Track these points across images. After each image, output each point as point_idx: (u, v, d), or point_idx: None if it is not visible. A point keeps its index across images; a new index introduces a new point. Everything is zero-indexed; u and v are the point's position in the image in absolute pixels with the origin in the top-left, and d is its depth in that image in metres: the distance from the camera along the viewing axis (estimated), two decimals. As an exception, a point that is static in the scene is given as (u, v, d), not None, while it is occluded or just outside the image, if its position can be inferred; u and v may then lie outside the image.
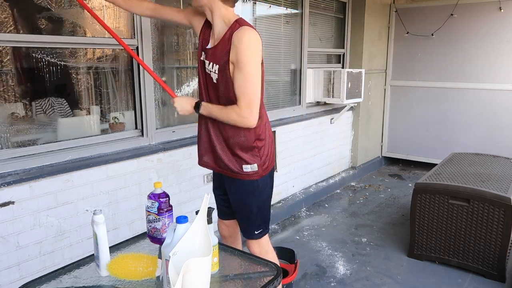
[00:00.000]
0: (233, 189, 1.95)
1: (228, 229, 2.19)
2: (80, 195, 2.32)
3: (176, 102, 1.88)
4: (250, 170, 1.86)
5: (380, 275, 2.87)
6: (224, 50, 1.71)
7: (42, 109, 2.45)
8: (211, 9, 1.75)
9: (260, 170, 1.88)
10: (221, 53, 1.72)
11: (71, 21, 2.47)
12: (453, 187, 2.82)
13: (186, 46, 3.16)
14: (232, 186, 1.94)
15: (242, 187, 1.91)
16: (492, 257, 2.73)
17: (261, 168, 1.88)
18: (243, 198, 1.94)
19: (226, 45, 1.71)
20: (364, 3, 4.79)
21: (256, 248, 2.00)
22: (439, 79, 5.16)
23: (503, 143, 4.82)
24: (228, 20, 1.74)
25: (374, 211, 4.07)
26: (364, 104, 5.03)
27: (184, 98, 1.91)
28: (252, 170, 1.86)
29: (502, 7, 4.62)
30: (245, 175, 1.87)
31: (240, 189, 1.92)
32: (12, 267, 2.06)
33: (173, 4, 3.01)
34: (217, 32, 1.77)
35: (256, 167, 1.87)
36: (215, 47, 1.76)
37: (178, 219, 1.34)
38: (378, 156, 5.74)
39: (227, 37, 1.71)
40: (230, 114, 1.76)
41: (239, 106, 1.72)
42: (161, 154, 2.75)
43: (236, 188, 1.93)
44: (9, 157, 2.11)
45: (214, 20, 1.77)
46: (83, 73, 2.60)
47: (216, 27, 1.77)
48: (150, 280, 1.42)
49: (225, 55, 1.71)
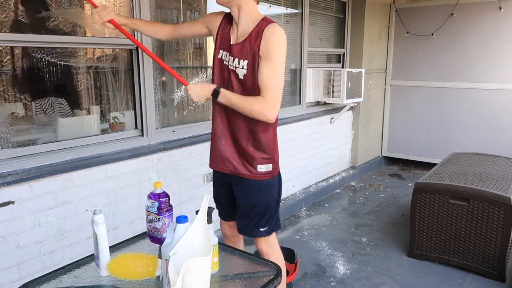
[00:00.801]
0: (245, 190, 1.91)
1: (231, 229, 2.16)
2: (80, 195, 2.32)
3: (190, 90, 1.78)
4: (265, 170, 1.85)
5: (380, 275, 2.87)
6: (254, 46, 1.70)
7: (42, 109, 2.45)
8: (240, 5, 1.74)
9: (273, 169, 1.88)
10: (250, 49, 1.71)
11: (71, 21, 2.47)
12: (453, 187, 2.82)
13: (186, 46, 3.16)
14: (243, 187, 1.90)
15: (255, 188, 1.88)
16: (492, 257, 2.73)
17: (274, 167, 1.89)
18: (255, 199, 1.90)
19: (255, 40, 1.70)
20: (364, 3, 4.79)
21: (264, 245, 1.99)
22: (439, 79, 5.16)
23: (503, 143, 4.82)
24: (255, 18, 1.74)
25: (374, 211, 4.07)
26: (364, 104, 5.03)
27: (198, 84, 1.81)
28: (266, 170, 1.86)
29: (502, 7, 4.62)
30: (260, 175, 1.85)
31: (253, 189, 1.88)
32: (12, 267, 2.06)
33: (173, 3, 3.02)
34: (242, 29, 1.76)
35: (271, 167, 1.87)
36: (243, 42, 1.74)
37: (178, 219, 1.34)
38: (378, 156, 5.74)
39: (255, 33, 1.70)
40: (253, 104, 1.70)
41: (264, 98, 1.69)
42: (161, 154, 2.75)
43: (247, 189, 1.89)
44: (9, 157, 2.11)
45: (240, 17, 1.76)
46: (83, 73, 2.60)
47: (241, 24, 1.76)
48: (150, 280, 1.42)
49: (255, 50, 1.69)
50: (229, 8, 1.78)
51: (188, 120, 3.15)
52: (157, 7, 2.79)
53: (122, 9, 2.66)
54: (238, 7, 1.75)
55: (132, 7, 2.58)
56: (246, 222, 1.97)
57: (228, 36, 1.83)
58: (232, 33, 1.81)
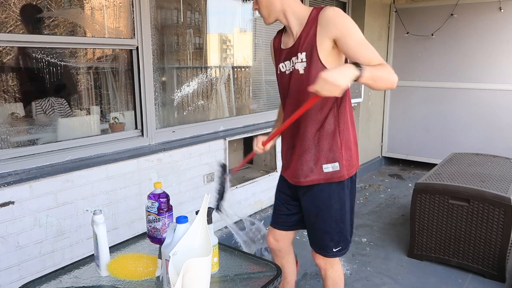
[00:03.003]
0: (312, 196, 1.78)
1: (278, 243, 2.04)
2: (80, 195, 2.32)
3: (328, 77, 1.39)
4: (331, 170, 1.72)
5: (380, 275, 2.87)
6: (309, 35, 1.63)
7: (42, 109, 2.45)
8: (284, 10, 1.69)
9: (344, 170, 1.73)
10: (306, 39, 1.64)
11: (71, 21, 2.47)
12: (453, 187, 2.82)
13: (186, 46, 3.16)
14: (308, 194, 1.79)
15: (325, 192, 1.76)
16: (492, 257, 2.73)
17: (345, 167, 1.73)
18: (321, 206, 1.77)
19: (309, 29, 1.63)
20: (364, 3, 4.79)
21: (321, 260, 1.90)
22: (439, 79, 5.16)
23: (503, 143, 4.82)
24: (304, 12, 1.68)
25: (374, 211, 4.07)
26: (364, 104, 5.03)
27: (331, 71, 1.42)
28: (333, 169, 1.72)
29: (502, 7, 4.62)
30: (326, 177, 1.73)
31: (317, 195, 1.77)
32: (12, 267, 2.06)
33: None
34: (296, 29, 1.70)
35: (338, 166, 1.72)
36: (298, 38, 1.67)
37: (178, 219, 1.34)
38: (378, 156, 5.74)
39: (310, 23, 1.63)
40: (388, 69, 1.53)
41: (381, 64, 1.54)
42: (161, 154, 2.75)
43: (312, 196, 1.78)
44: (9, 157, 2.11)
45: (290, 20, 1.71)
46: (83, 73, 2.60)
47: (293, 25, 1.70)
48: (150, 280, 1.42)
49: (311, 38, 1.63)
50: (278, 19, 1.74)
51: (188, 120, 3.15)
52: (157, 7, 2.80)
53: (122, 9, 2.67)
54: (284, 13, 1.70)
55: (132, 7, 2.58)
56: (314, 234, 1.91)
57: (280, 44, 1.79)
58: (289, 39, 1.75)
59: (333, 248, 1.84)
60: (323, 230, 1.82)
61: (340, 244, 1.84)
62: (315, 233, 1.87)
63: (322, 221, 1.80)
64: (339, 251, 1.85)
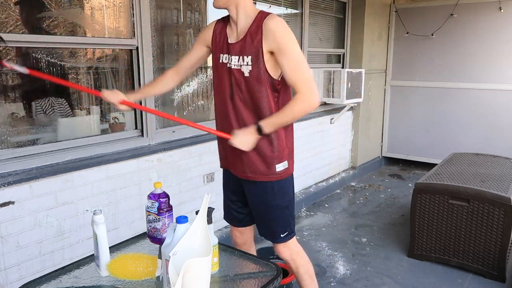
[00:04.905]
0: (257, 192, 1.86)
1: (242, 236, 2.10)
2: (80, 195, 2.32)
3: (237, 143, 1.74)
4: (282, 169, 1.81)
5: (380, 275, 2.87)
6: (254, 40, 1.69)
7: (42, 109, 2.45)
8: (237, 2, 1.73)
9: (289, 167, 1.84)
10: (252, 43, 1.69)
11: (71, 21, 2.47)
12: (453, 187, 2.82)
13: (186, 46, 3.16)
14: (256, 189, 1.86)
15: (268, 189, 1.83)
16: (492, 257, 2.73)
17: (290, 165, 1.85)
18: (268, 201, 1.85)
19: (255, 35, 1.69)
20: (364, 3, 4.79)
21: (286, 251, 1.96)
22: (439, 79, 5.16)
23: (503, 143, 4.82)
24: (252, 13, 1.73)
25: (374, 211, 4.07)
26: (364, 104, 5.03)
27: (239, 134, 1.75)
28: (283, 168, 1.81)
29: (502, 7, 4.62)
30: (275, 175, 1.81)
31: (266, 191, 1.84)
32: (12, 267, 2.06)
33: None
34: (241, 26, 1.74)
35: (287, 164, 1.83)
36: (243, 39, 1.72)
37: (178, 219, 1.34)
38: (378, 156, 5.74)
39: (255, 28, 1.69)
40: (294, 108, 1.69)
41: (300, 92, 1.67)
42: (161, 154, 2.75)
43: (260, 191, 1.85)
44: (9, 157, 2.11)
45: (239, 14, 1.74)
46: (83, 73, 2.60)
47: (240, 21, 1.75)
48: (150, 280, 1.42)
49: (257, 44, 1.68)
50: (227, 8, 1.78)
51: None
52: (157, 7, 2.79)
53: (122, 9, 2.67)
54: (236, 5, 1.74)
55: (132, 7, 2.58)
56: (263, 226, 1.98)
57: (225, 37, 1.81)
58: (231, 33, 1.80)
59: (281, 234, 1.92)
60: (270, 218, 1.91)
61: (287, 229, 1.93)
62: (263, 221, 1.95)
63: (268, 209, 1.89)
64: (287, 236, 1.94)
